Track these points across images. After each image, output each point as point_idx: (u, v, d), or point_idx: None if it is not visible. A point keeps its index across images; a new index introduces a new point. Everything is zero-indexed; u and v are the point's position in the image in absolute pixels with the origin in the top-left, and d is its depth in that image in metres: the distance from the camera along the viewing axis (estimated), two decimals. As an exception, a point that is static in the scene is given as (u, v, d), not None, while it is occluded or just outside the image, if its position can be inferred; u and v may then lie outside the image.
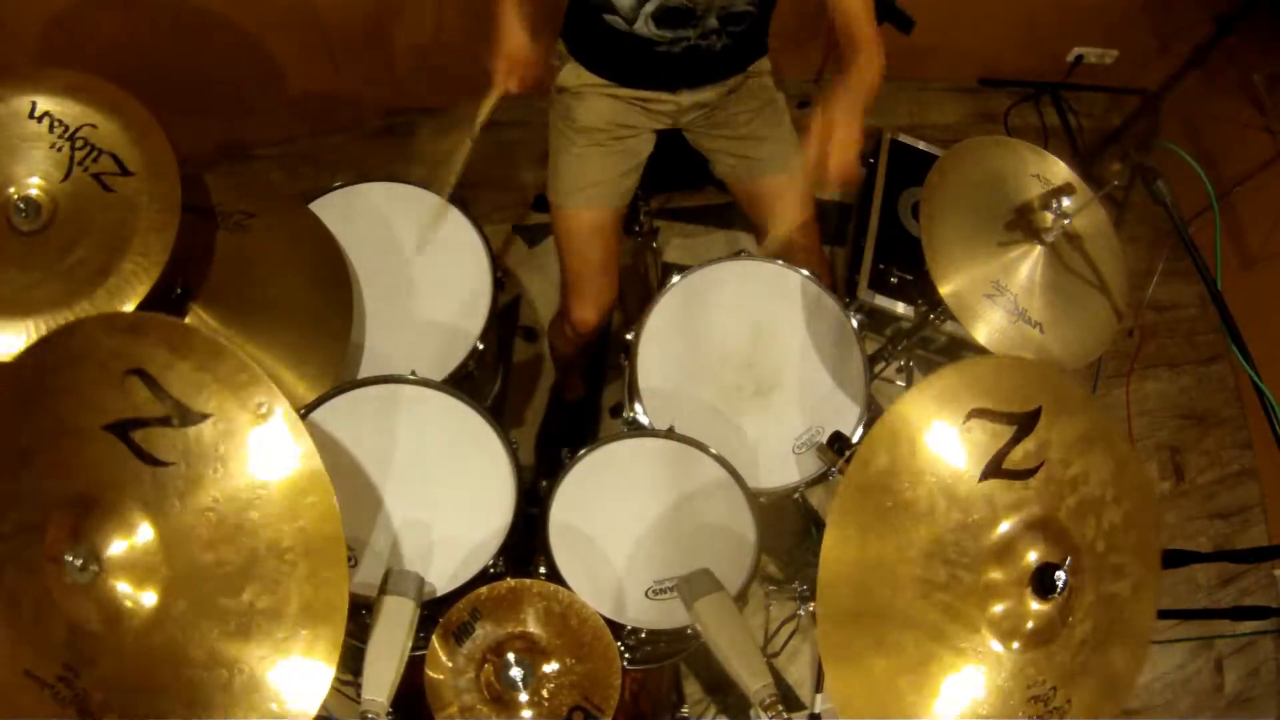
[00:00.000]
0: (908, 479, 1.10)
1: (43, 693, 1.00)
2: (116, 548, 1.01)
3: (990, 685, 1.08)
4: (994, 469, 1.12)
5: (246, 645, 1.01)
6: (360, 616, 1.28)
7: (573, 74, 1.71)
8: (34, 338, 1.22)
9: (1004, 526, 1.11)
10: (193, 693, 1.00)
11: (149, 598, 1.02)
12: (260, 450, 1.05)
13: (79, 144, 1.28)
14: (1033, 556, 1.10)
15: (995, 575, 1.10)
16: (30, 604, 1.03)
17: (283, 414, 1.05)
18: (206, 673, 1.00)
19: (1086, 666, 1.11)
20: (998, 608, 1.09)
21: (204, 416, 1.06)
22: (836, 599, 1.07)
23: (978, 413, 1.12)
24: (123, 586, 1.01)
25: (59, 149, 1.28)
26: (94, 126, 1.29)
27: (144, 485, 1.04)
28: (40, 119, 1.28)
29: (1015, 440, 1.13)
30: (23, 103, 1.28)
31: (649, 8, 1.51)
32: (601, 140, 1.73)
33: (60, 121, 1.29)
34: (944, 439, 1.11)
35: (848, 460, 1.42)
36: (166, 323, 1.08)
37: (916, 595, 1.08)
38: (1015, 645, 1.09)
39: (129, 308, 1.24)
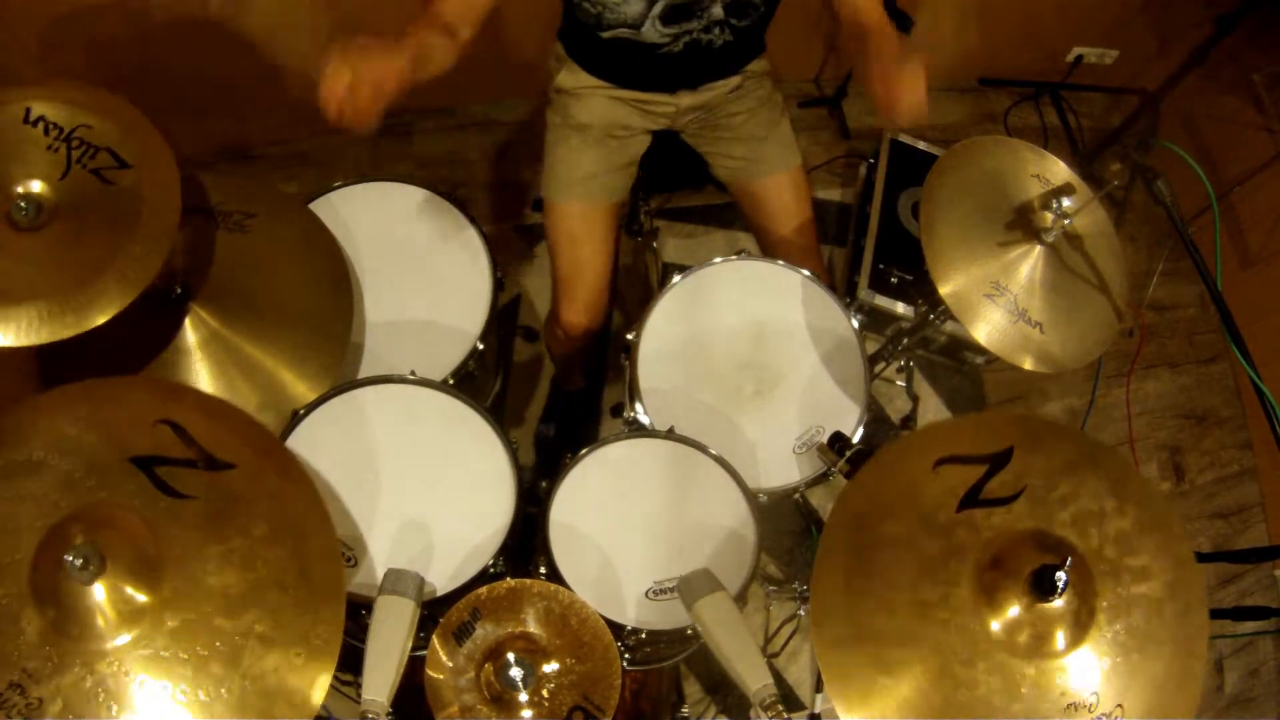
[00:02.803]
0: (884, 515, 1.10)
1: None
2: (118, 555, 1.01)
3: (1011, 694, 1.06)
4: (972, 500, 1.12)
5: (235, 668, 1.01)
6: (360, 616, 1.28)
7: (570, 76, 1.70)
8: (44, 329, 1.22)
9: (991, 543, 1.11)
10: (171, 711, 0.99)
11: (142, 613, 1.01)
12: (280, 499, 1.08)
13: (75, 143, 1.29)
14: (1030, 564, 1.08)
15: (993, 585, 1.09)
16: None
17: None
18: (187, 692, 1.00)
19: (1135, 669, 1.09)
20: (1002, 619, 1.08)
21: (229, 465, 1.08)
22: (831, 628, 1.06)
23: (945, 460, 1.13)
24: (116, 597, 1.01)
25: (55, 149, 1.29)
26: (89, 127, 1.30)
27: (159, 510, 1.06)
28: (35, 123, 1.29)
29: (990, 475, 1.13)
30: (17, 109, 1.29)
31: (657, 9, 1.51)
32: (598, 136, 1.73)
33: (55, 125, 1.29)
34: (915, 485, 1.12)
35: (848, 460, 1.42)
36: (199, 394, 1.16)
37: (913, 616, 1.07)
38: (1032, 656, 1.08)
39: (137, 292, 1.25)
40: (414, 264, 1.68)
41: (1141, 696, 1.08)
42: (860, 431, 1.59)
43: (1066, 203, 1.44)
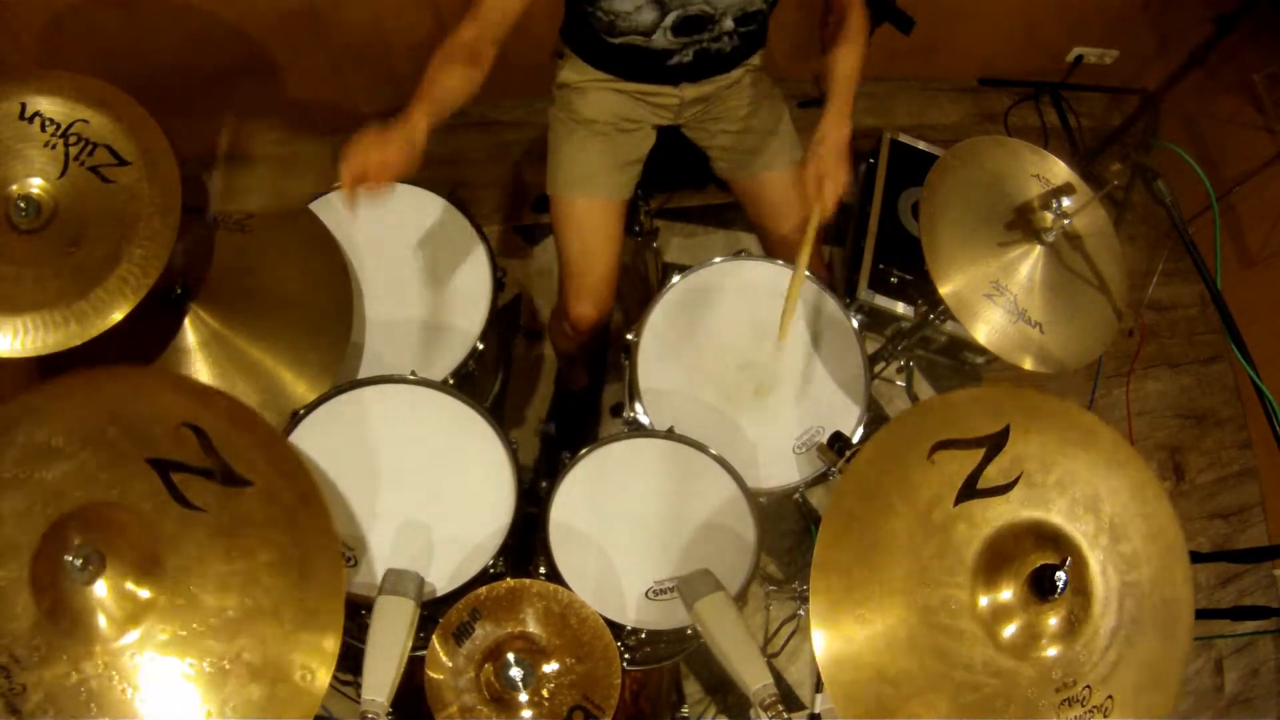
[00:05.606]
0: (879, 518, 1.09)
1: None
2: (119, 560, 1.01)
3: (1010, 696, 1.06)
4: (968, 492, 1.11)
5: (217, 693, 1.00)
6: (360, 616, 1.28)
7: (573, 71, 1.71)
8: (51, 332, 1.22)
9: (989, 541, 1.10)
10: (144, 722, 0.98)
11: (135, 620, 1.00)
12: (293, 526, 1.07)
13: (72, 140, 1.29)
14: (1031, 562, 1.08)
15: (993, 587, 1.09)
16: None
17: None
18: (167, 706, 0.99)
19: (1122, 659, 1.09)
20: (1002, 618, 1.09)
21: (246, 482, 1.07)
22: (832, 638, 1.06)
23: (942, 445, 1.12)
24: (113, 601, 1.00)
25: (53, 146, 1.29)
26: (86, 122, 1.30)
27: (169, 518, 1.05)
28: (31, 119, 1.29)
29: (987, 460, 1.12)
30: (12, 105, 1.29)
31: (669, 20, 1.51)
32: (603, 130, 1.73)
33: (51, 120, 1.29)
34: (911, 477, 1.11)
35: (848, 460, 1.42)
36: (231, 401, 1.14)
37: (913, 622, 1.07)
38: (1029, 653, 1.08)
39: (141, 294, 1.25)
40: (414, 264, 1.68)
41: (1128, 686, 1.09)
42: (860, 431, 1.59)
43: (1066, 203, 1.44)
